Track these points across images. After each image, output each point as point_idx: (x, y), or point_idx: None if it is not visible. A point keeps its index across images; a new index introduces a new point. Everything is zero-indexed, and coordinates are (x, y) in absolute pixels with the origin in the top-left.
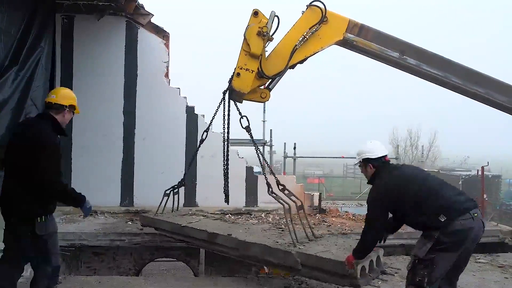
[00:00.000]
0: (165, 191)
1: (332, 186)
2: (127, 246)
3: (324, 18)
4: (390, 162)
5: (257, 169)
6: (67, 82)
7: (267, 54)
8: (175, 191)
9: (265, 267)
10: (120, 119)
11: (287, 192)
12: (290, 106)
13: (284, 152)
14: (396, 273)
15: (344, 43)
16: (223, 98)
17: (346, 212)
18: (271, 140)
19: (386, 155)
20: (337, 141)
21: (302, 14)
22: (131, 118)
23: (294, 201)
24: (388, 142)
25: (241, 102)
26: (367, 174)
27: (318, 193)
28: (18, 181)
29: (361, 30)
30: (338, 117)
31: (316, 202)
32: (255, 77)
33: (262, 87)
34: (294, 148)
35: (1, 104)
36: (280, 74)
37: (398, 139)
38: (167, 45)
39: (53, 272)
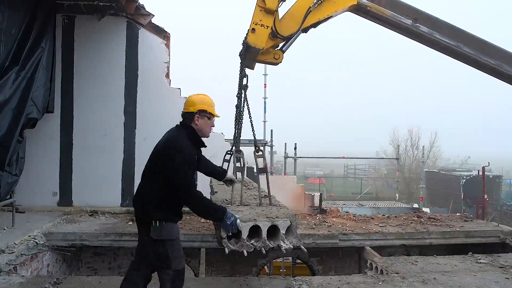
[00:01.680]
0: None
1: (333, 186)
2: (128, 246)
3: None
4: None
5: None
6: (68, 83)
7: (280, 15)
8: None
9: (266, 267)
10: (121, 119)
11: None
12: (292, 106)
13: (285, 152)
14: (397, 273)
15: (358, 8)
16: (242, 62)
17: (347, 212)
18: (271, 141)
19: None
20: (338, 142)
21: None
22: (131, 118)
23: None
24: (389, 143)
25: (252, 68)
26: None
27: (319, 194)
28: (147, 185)
29: None
30: (339, 118)
31: (316, 203)
32: (269, 37)
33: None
34: (295, 148)
35: (2, 104)
36: (294, 35)
37: (399, 139)
38: (167, 46)
39: (176, 276)
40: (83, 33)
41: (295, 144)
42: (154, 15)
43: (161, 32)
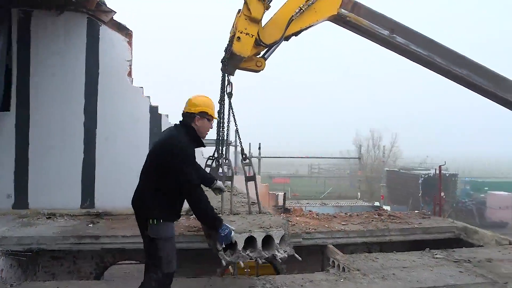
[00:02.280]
0: None
1: (298, 186)
2: (88, 249)
3: None
4: None
5: None
6: (24, 79)
7: (263, 23)
8: None
9: (230, 268)
10: (81, 118)
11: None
12: (257, 108)
13: (249, 152)
14: (358, 270)
15: (338, 18)
16: (223, 71)
17: (310, 211)
18: (235, 140)
19: None
20: (302, 143)
21: None
22: (92, 118)
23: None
24: (352, 143)
25: (233, 74)
26: None
27: (283, 193)
28: (147, 183)
29: (354, 6)
30: (305, 121)
31: (280, 202)
32: (252, 45)
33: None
34: (259, 148)
35: None
36: (276, 43)
37: (361, 139)
38: (130, 43)
39: (164, 278)
40: (41, 28)
41: (259, 144)
42: (115, 12)
43: (123, 30)
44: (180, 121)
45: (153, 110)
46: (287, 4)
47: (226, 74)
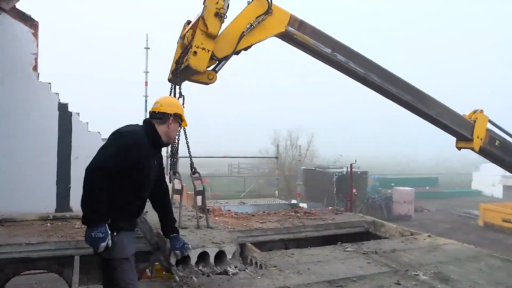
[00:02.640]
0: None
1: (217, 185)
2: None
3: (270, 9)
4: None
5: None
6: None
7: None
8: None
9: (147, 271)
10: None
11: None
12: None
13: (167, 152)
14: (275, 266)
15: (285, 35)
16: (173, 82)
17: (229, 210)
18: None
19: None
20: (223, 142)
21: (248, 3)
22: None
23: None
24: (270, 142)
25: (180, 85)
26: None
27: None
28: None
29: (301, 25)
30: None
31: (199, 202)
32: None
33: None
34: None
35: None
36: (228, 57)
37: (279, 139)
38: (35, 35)
39: None
40: None
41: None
42: (19, 0)
43: (28, 20)
44: (145, 119)
45: (63, 108)
46: (237, 20)
47: (176, 86)
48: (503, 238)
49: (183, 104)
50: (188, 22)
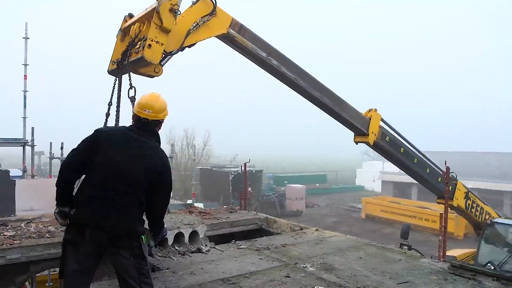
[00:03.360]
0: None
1: None
2: None
3: (214, 11)
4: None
5: (16, 172)
6: None
7: None
8: None
9: (27, 283)
10: None
11: None
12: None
13: (50, 153)
14: (167, 269)
15: (226, 37)
16: (115, 74)
17: None
18: (33, 140)
19: None
20: None
21: (194, 3)
22: None
23: None
24: (165, 142)
25: (120, 77)
26: None
27: None
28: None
29: (241, 28)
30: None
31: None
32: None
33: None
34: (61, 148)
35: None
36: (174, 53)
37: (175, 138)
38: None
39: None
40: None
41: (62, 143)
42: None
43: None
44: (149, 129)
45: None
46: (184, 17)
47: (122, 77)
48: (381, 228)
49: (134, 95)
50: (130, 16)
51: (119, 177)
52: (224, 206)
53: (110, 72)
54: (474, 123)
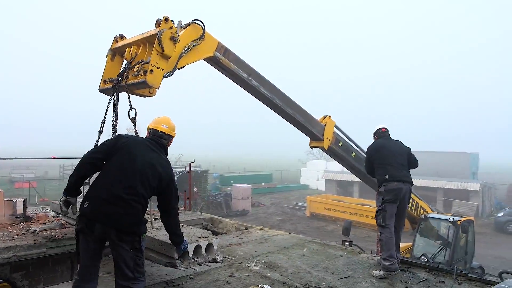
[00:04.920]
0: None
1: (47, 189)
2: None
3: (203, 35)
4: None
5: None
6: None
7: None
8: None
9: None
10: None
11: None
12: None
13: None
14: (108, 273)
15: (212, 59)
16: (108, 93)
17: (57, 216)
18: None
19: (382, 128)
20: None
21: (184, 28)
22: None
23: None
24: None
25: (111, 96)
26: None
27: (22, 199)
28: (139, 199)
29: (226, 51)
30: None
31: (20, 210)
32: None
33: None
34: None
35: None
36: (167, 75)
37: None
38: None
39: None
40: None
41: None
42: None
43: None
44: (162, 143)
45: None
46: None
47: (116, 96)
48: (325, 225)
49: (135, 116)
50: (122, 37)
51: (136, 180)
52: None
53: (102, 90)
54: (414, 126)
